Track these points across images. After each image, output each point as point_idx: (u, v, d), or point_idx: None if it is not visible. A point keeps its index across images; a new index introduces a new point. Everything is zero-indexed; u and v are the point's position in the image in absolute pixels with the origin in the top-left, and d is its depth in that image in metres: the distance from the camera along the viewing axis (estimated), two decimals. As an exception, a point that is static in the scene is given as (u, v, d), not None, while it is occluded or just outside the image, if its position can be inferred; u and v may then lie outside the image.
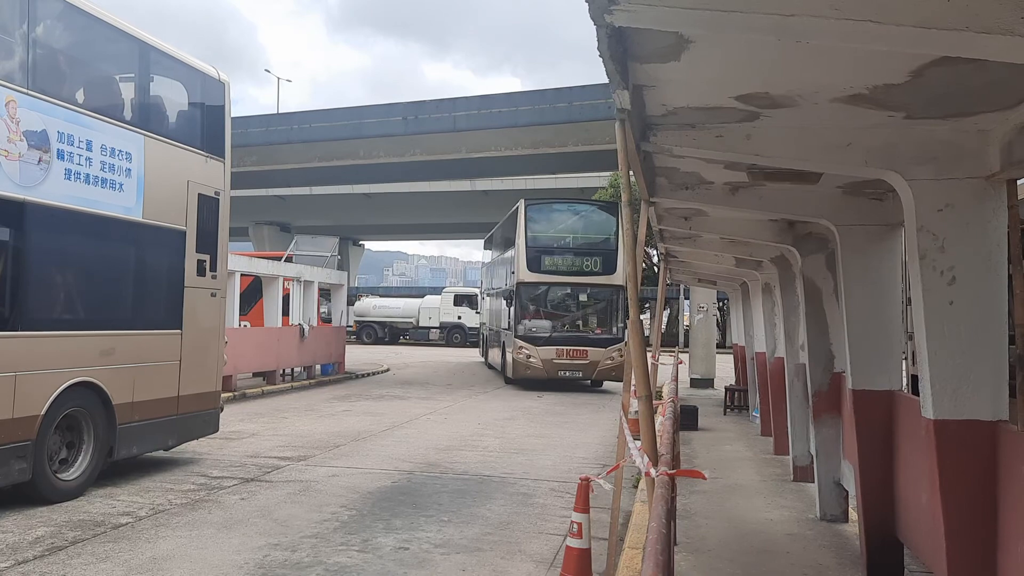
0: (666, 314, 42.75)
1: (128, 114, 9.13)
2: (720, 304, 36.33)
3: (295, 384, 20.47)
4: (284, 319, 21.62)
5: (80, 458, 8.33)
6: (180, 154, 9.71)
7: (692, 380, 22.72)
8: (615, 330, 21.92)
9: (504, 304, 23.34)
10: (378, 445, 11.90)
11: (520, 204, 22.66)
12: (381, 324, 47.71)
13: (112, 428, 8.59)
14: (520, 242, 22.03)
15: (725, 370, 23.88)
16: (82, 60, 8.91)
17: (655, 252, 22.81)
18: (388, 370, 26.69)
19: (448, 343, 45.92)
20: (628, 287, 4.34)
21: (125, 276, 9.10)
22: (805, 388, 8.69)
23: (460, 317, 46.00)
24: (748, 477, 9.87)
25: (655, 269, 36.02)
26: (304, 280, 22.17)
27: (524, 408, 17.15)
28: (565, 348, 21.52)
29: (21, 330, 7.57)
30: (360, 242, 67.12)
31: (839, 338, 7.40)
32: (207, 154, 10.14)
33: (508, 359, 22.54)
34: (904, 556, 6.10)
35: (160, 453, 10.00)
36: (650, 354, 10.04)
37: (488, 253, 32.05)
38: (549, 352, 21.41)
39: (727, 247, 10.60)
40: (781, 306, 10.18)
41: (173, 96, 10.11)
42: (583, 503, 5.12)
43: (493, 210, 40.61)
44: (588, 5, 2.58)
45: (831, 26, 2.45)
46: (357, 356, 29.75)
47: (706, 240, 10.50)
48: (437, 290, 55.51)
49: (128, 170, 8.79)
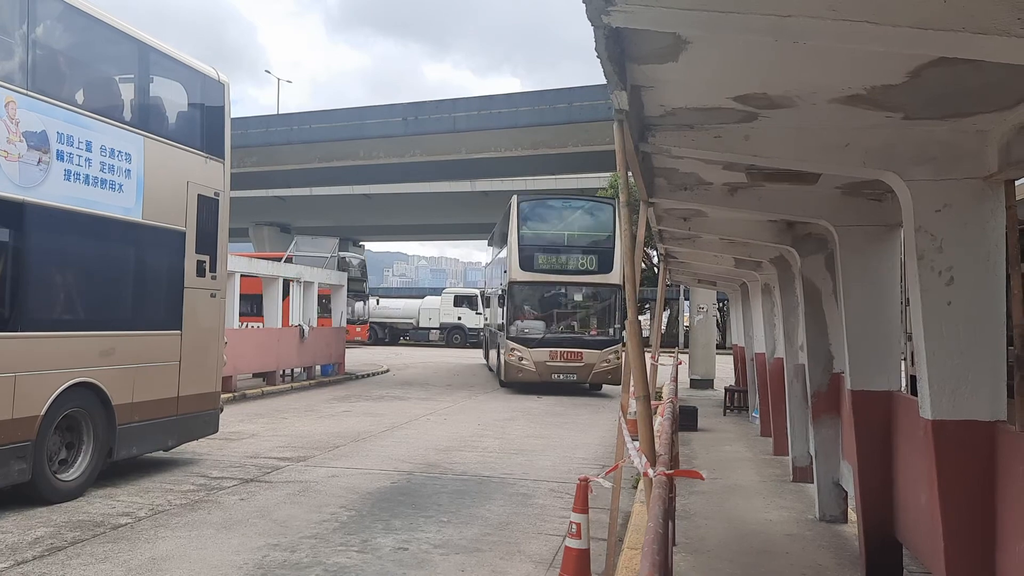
0: (666, 315, 42.75)
1: (128, 115, 9.13)
2: (720, 305, 36.33)
3: (295, 385, 20.47)
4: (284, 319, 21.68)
5: (80, 459, 8.33)
6: (180, 155, 9.71)
7: (692, 381, 22.72)
8: (612, 331, 21.08)
9: (497, 304, 22.57)
10: (378, 446, 11.90)
11: (513, 200, 21.82)
12: (381, 325, 47.77)
13: (112, 429, 8.59)
14: (512, 240, 21.22)
15: (725, 371, 23.88)
16: (82, 61, 8.92)
17: (655, 253, 22.55)
18: (388, 371, 26.69)
19: (448, 344, 45.94)
20: (626, 287, 4.34)
21: (125, 277, 9.10)
22: (804, 389, 8.70)
23: (460, 318, 46.05)
24: (748, 478, 9.87)
25: (655, 270, 36.02)
26: (304, 281, 22.18)
27: (524, 409, 17.16)
28: (559, 350, 20.61)
29: (21, 330, 7.57)
30: (360, 243, 67.08)
31: (838, 339, 7.41)
32: (207, 155, 10.14)
33: (501, 361, 21.85)
34: (903, 557, 6.11)
35: (160, 454, 10.01)
36: (649, 355, 10.06)
37: (491, 252, 31.91)
38: (542, 354, 20.54)
39: (726, 248, 10.61)
40: (780, 307, 10.19)
41: (173, 97, 10.12)
42: (582, 504, 5.11)
43: (493, 211, 40.59)
44: (585, 6, 2.59)
45: (828, 27, 2.45)
46: (357, 357, 29.76)
47: (705, 241, 10.50)
48: (437, 291, 55.60)
49: (128, 171, 8.80)
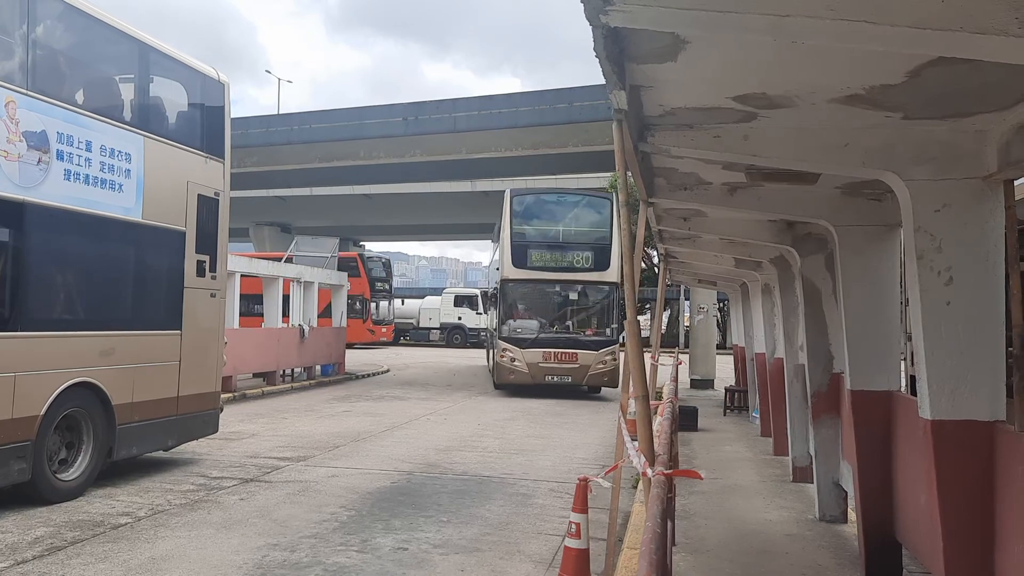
0: (666, 315, 42.74)
1: (128, 115, 9.13)
2: (720, 305, 36.31)
3: (295, 385, 20.47)
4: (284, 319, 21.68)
5: (79, 458, 8.33)
6: (180, 155, 9.71)
7: (692, 381, 22.71)
8: (608, 331, 20.20)
9: (491, 304, 21.85)
10: (378, 446, 11.90)
11: (506, 194, 20.99)
12: None
13: (112, 428, 8.59)
14: (505, 236, 20.43)
15: (725, 371, 23.86)
16: (82, 61, 8.92)
17: (655, 252, 22.40)
18: (388, 371, 26.69)
19: (448, 344, 45.94)
20: (625, 287, 4.33)
21: (124, 277, 9.10)
22: (804, 389, 8.70)
23: (461, 318, 46.06)
24: (748, 478, 9.87)
25: (655, 269, 36.01)
26: (304, 281, 22.18)
27: (524, 409, 17.15)
28: (553, 351, 19.68)
29: (21, 330, 7.58)
30: (360, 242, 67.12)
31: (838, 339, 7.41)
32: (207, 155, 10.14)
33: (493, 362, 21.30)
34: (903, 557, 6.10)
35: (160, 453, 10.01)
36: (649, 355, 10.05)
37: (492, 250, 31.63)
38: (535, 355, 19.64)
39: (726, 248, 10.61)
40: (780, 307, 10.19)
41: (173, 97, 10.12)
42: (581, 504, 5.11)
43: (493, 211, 40.54)
44: (583, 6, 2.59)
45: (827, 26, 2.45)
46: (357, 357, 29.75)
47: (705, 241, 10.50)
48: (437, 291, 55.57)
49: (128, 171, 8.80)
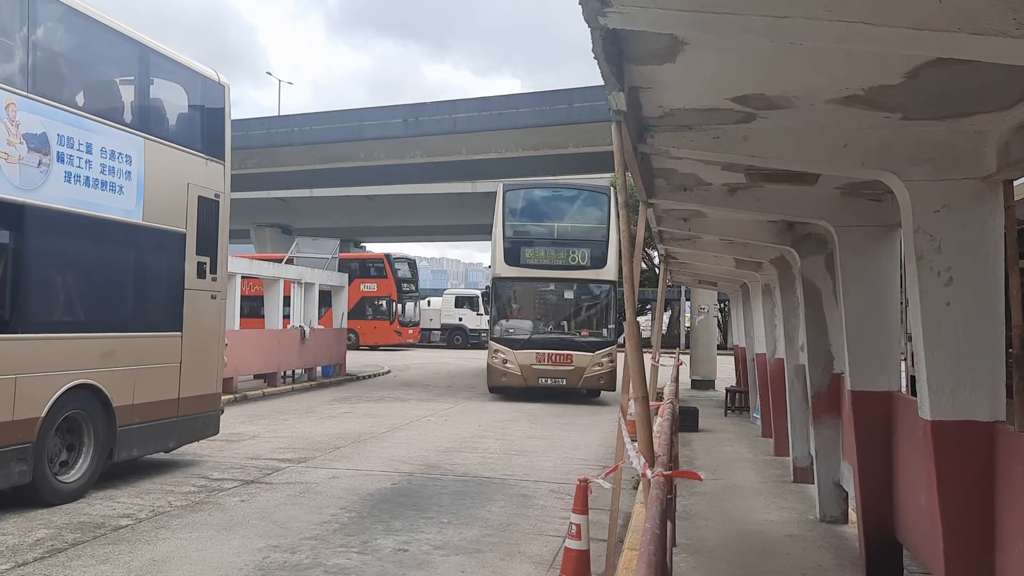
0: (667, 316, 42.73)
1: (128, 117, 9.14)
2: (721, 305, 36.30)
3: (296, 386, 20.47)
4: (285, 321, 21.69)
5: (80, 460, 8.34)
6: (180, 156, 9.72)
7: (693, 382, 22.68)
8: (605, 332, 19.27)
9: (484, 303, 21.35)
10: (378, 447, 11.91)
11: (499, 189, 20.07)
12: None
13: (112, 430, 8.60)
14: (497, 232, 19.50)
15: (726, 371, 23.86)
16: (82, 63, 8.93)
17: (656, 253, 22.30)
18: (389, 372, 26.69)
19: (449, 345, 45.93)
20: (625, 289, 4.33)
21: (125, 278, 9.11)
22: (805, 389, 8.70)
23: (461, 319, 46.05)
24: (748, 478, 9.87)
25: (656, 270, 35.99)
26: (305, 282, 22.18)
27: (525, 410, 17.14)
28: (547, 352, 18.76)
29: (21, 332, 7.58)
30: (361, 243, 67.17)
31: (838, 339, 7.40)
32: (207, 156, 10.15)
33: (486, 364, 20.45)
34: (903, 557, 6.10)
35: (160, 455, 10.01)
36: (650, 356, 10.05)
37: None
38: (528, 357, 18.73)
39: (727, 248, 10.61)
40: (781, 307, 10.18)
41: (173, 99, 10.13)
42: (582, 504, 5.11)
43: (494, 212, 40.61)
44: (582, 7, 2.59)
45: (824, 28, 2.46)
46: (357, 358, 29.76)
47: (706, 241, 10.50)
48: (438, 292, 55.54)
49: (128, 173, 8.81)
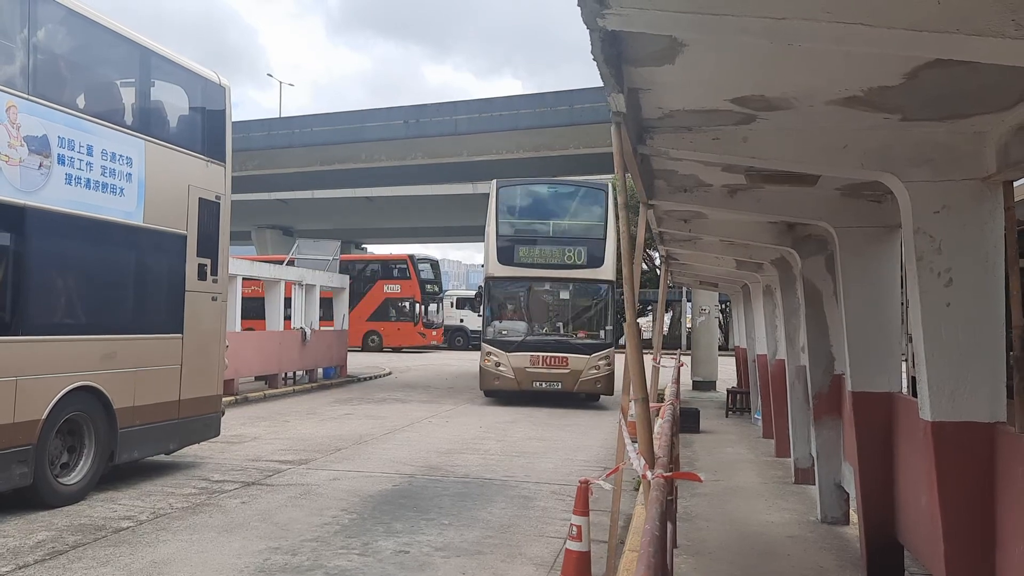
0: (668, 317, 42.71)
1: (129, 119, 9.15)
2: (722, 306, 36.28)
3: (297, 388, 20.46)
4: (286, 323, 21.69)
5: (81, 462, 8.34)
6: (181, 158, 9.73)
7: (694, 383, 22.67)
8: (603, 334, 18.52)
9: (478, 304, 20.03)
10: (379, 448, 11.91)
11: (492, 185, 19.34)
12: None
13: (113, 432, 8.60)
14: (491, 230, 18.84)
15: (727, 372, 23.86)
16: (83, 65, 8.94)
17: (657, 254, 22.22)
18: (390, 373, 26.69)
19: (451, 346, 45.92)
20: (625, 290, 4.33)
21: (126, 280, 9.12)
22: (806, 390, 8.69)
23: (462, 320, 46.04)
24: (749, 479, 9.86)
25: (657, 271, 35.99)
26: (306, 284, 22.18)
27: (526, 411, 17.13)
28: (541, 355, 18.03)
29: (22, 335, 7.59)
30: (362, 245, 67.18)
31: (839, 340, 7.40)
32: (208, 158, 10.16)
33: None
34: (905, 558, 6.10)
35: (161, 457, 10.02)
36: (651, 357, 10.04)
37: None
38: (522, 359, 18.02)
39: (727, 249, 10.60)
40: (782, 308, 10.18)
41: (174, 101, 10.14)
42: (582, 506, 5.11)
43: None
44: (580, 9, 2.59)
45: (823, 29, 2.46)
46: (358, 360, 29.76)
47: (706, 242, 10.50)
48: (439, 293, 55.48)
49: (129, 175, 8.81)
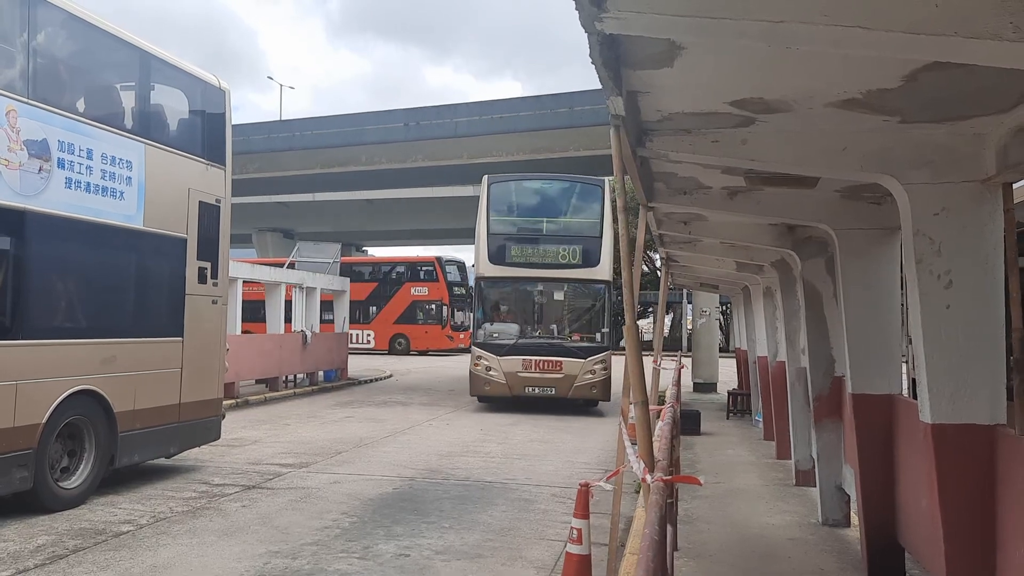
0: (669, 318, 42.70)
1: (128, 122, 9.15)
2: (723, 308, 36.28)
3: (298, 391, 20.47)
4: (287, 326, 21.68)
5: (81, 466, 8.33)
6: (181, 162, 9.73)
7: (695, 384, 22.67)
8: (599, 337, 17.70)
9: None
10: (380, 451, 11.90)
11: (484, 181, 18.50)
12: None
13: (113, 436, 8.59)
14: (481, 228, 18.02)
15: (728, 374, 23.84)
16: (82, 69, 8.94)
17: (657, 255, 22.16)
18: (391, 376, 26.68)
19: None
20: (624, 293, 4.32)
21: (126, 284, 9.12)
22: (806, 392, 8.68)
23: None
24: (750, 481, 9.85)
25: (657, 273, 35.97)
26: (307, 287, 22.19)
27: (526, 414, 17.11)
28: (534, 359, 17.19)
29: (22, 339, 7.59)
30: (363, 247, 67.16)
31: (839, 342, 7.39)
32: (208, 162, 10.16)
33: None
34: (906, 560, 6.09)
35: (162, 461, 10.01)
36: (652, 359, 10.03)
37: None
38: (513, 363, 17.16)
39: (728, 251, 10.60)
40: (782, 310, 10.18)
41: (173, 104, 10.14)
42: (583, 509, 5.11)
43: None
44: (578, 12, 2.59)
45: (821, 32, 2.46)
46: (359, 363, 29.75)
47: (706, 244, 10.49)
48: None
49: (129, 178, 8.82)
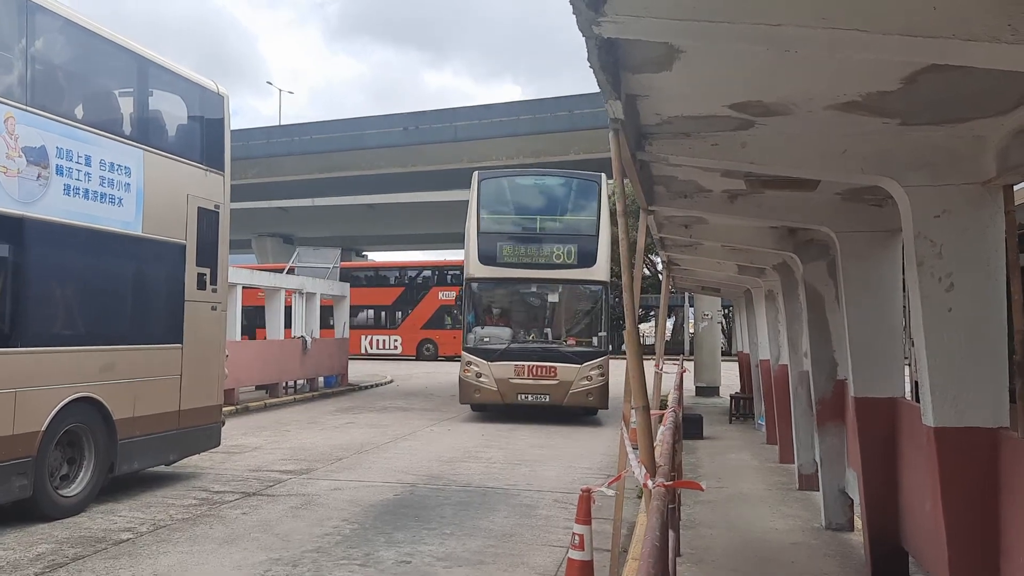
0: (671, 322, 42.66)
1: (127, 129, 9.15)
2: (725, 312, 36.24)
3: (298, 397, 20.44)
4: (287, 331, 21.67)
5: (81, 474, 8.30)
6: (179, 168, 9.72)
7: (697, 388, 22.62)
8: (595, 341, 16.74)
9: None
10: (381, 457, 11.87)
11: (473, 177, 17.62)
12: None
13: (113, 443, 8.57)
14: (471, 227, 17.21)
15: (730, 378, 23.80)
16: (81, 75, 8.94)
17: (659, 259, 22.14)
18: (392, 381, 26.65)
19: (452, 353, 45.92)
20: (625, 297, 4.30)
21: (125, 291, 9.10)
22: (809, 396, 8.65)
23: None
24: (753, 486, 9.82)
25: (659, 276, 35.92)
26: (306, 292, 22.17)
27: (528, 419, 17.07)
28: (527, 364, 16.25)
29: (21, 346, 7.57)
30: (363, 252, 67.23)
31: (842, 345, 7.37)
32: (207, 167, 10.15)
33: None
34: (910, 565, 6.06)
35: (161, 468, 9.98)
36: (654, 363, 10.01)
37: None
38: (505, 369, 16.24)
39: (729, 254, 10.58)
40: (784, 313, 10.15)
41: (172, 110, 10.14)
42: (585, 515, 5.08)
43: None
44: (576, 17, 2.58)
45: (819, 35, 2.44)
46: (360, 368, 29.73)
47: (708, 248, 10.47)
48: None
49: (127, 185, 8.81)
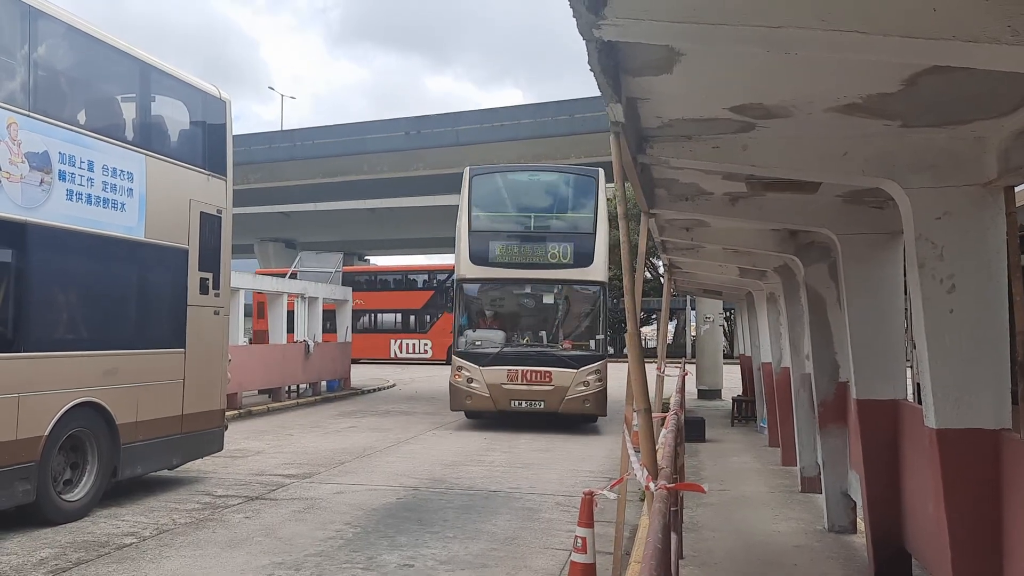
0: (673, 325, 42.64)
1: (129, 134, 9.17)
2: (727, 315, 36.21)
3: (301, 401, 20.45)
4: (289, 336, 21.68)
5: (84, 479, 8.31)
6: (182, 173, 9.74)
7: (699, 391, 22.62)
8: (593, 344, 15.91)
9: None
10: (384, 461, 11.87)
11: (465, 174, 16.77)
12: None
13: (116, 448, 8.58)
14: (462, 225, 16.32)
15: (732, 381, 23.77)
16: (83, 81, 8.96)
17: (660, 262, 22.13)
18: (394, 385, 26.66)
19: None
20: (626, 300, 4.31)
21: (128, 295, 9.12)
22: (811, 398, 8.65)
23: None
24: (755, 488, 9.81)
25: (660, 280, 35.92)
26: (308, 296, 22.19)
27: (530, 422, 17.08)
28: (520, 369, 15.43)
29: (24, 351, 7.58)
30: (366, 257, 67.27)
31: (843, 347, 7.37)
32: (209, 172, 10.17)
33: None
34: (913, 567, 6.05)
35: (164, 472, 9.99)
36: (655, 366, 10.00)
37: None
38: (498, 375, 15.43)
39: (730, 257, 10.58)
40: (786, 316, 10.15)
41: (174, 115, 10.16)
42: (587, 518, 5.08)
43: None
44: (576, 20, 2.59)
45: (818, 37, 2.45)
46: (362, 372, 29.75)
47: (709, 251, 10.48)
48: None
49: (130, 190, 8.83)
